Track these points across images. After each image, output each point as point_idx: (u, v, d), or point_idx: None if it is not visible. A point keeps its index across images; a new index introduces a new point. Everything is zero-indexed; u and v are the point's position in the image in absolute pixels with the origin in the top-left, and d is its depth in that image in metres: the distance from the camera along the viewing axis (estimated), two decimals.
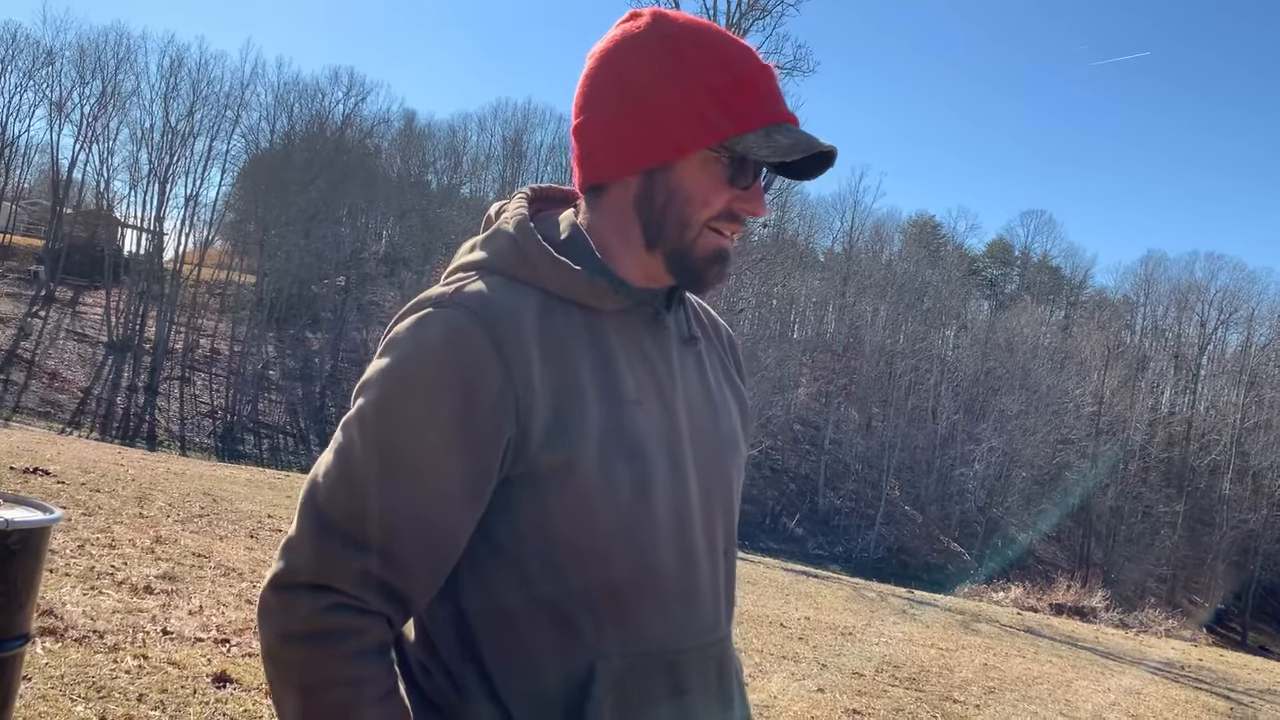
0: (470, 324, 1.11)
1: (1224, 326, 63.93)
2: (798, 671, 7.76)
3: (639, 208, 1.20)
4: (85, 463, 13.70)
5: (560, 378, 1.13)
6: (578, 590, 1.14)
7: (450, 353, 1.10)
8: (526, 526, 1.14)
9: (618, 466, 1.14)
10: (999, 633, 14.53)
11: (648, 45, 1.20)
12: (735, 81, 1.17)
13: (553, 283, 1.18)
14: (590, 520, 1.13)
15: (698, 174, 1.18)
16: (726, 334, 1.44)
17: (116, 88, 53.08)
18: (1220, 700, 10.98)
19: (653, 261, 1.22)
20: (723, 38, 1.21)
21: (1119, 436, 56.55)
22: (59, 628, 4.80)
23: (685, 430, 1.22)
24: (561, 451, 1.11)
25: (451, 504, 1.10)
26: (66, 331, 47.93)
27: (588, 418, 1.13)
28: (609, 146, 1.20)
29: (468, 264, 1.22)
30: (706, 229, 1.19)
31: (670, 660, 1.18)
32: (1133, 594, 41.18)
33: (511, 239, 1.21)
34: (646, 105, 1.17)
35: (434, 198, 62.58)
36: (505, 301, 1.14)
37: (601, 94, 1.21)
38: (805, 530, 48.81)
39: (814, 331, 63.28)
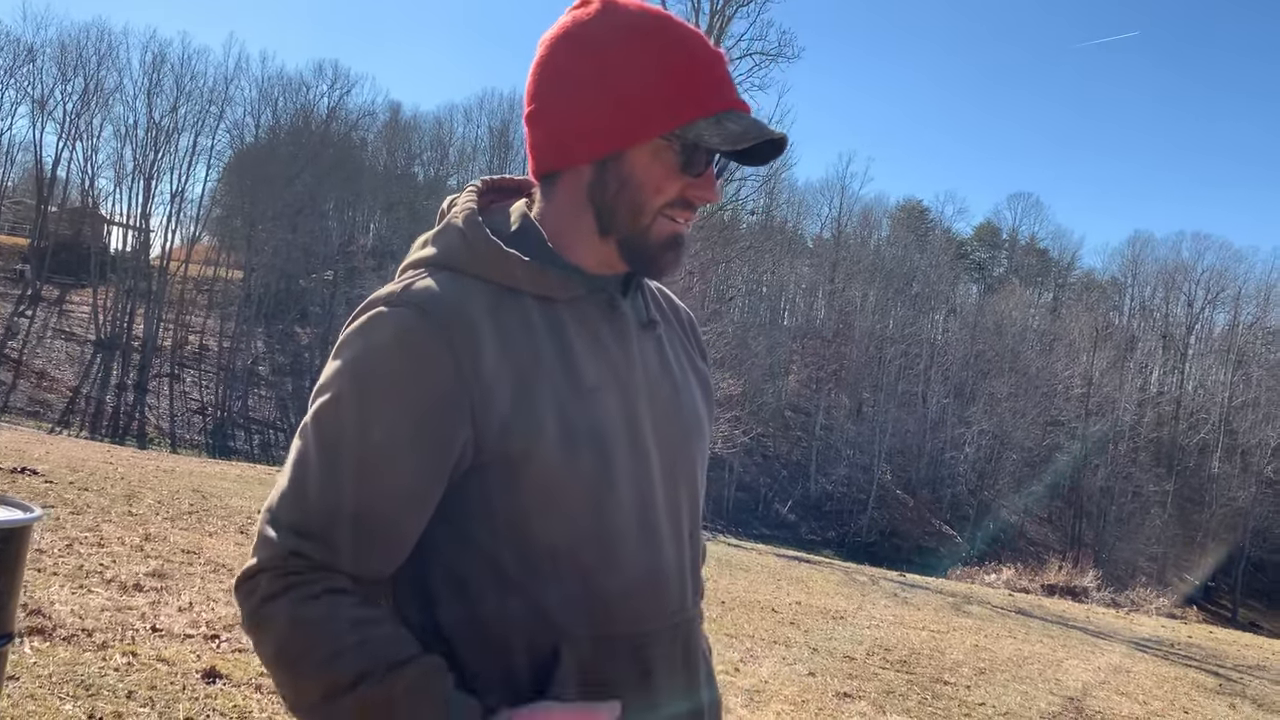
0: (419, 322, 1.12)
1: (1211, 306, 64.32)
2: (789, 656, 7.80)
3: (592, 195, 1.21)
4: (74, 461, 13.67)
5: (515, 370, 1.14)
6: (543, 575, 1.15)
7: (399, 352, 1.11)
8: (491, 515, 1.15)
9: (578, 454, 1.15)
10: (990, 614, 14.61)
11: (596, 32, 1.20)
12: (685, 68, 1.18)
13: (502, 275, 1.18)
14: (553, 508, 1.14)
15: (650, 162, 1.18)
16: (686, 315, 1.45)
17: (99, 84, 52.87)
18: (1209, 676, 11.07)
19: (607, 248, 1.22)
20: (672, 24, 1.21)
21: (1108, 417, 56.81)
22: (47, 627, 4.80)
23: (646, 415, 1.23)
24: (520, 442, 1.12)
25: (402, 500, 1.12)
26: (54, 330, 47.74)
27: (545, 407, 1.14)
28: (559, 134, 1.21)
29: (417, 260, 1.22)
30: (660, 216, 1.20)
31: (635, 642, 1.20)
32: (1124, 573, 41.40)
33: (460, 233, 1.21)
34: (596, 93, 1.18)
35: (421, 189, 62.41)
36: (454, 297, 1.15)
37: (551, 82, 1.21)
38: (798, 516, 48.97)
39: (804, 318, 63.39)
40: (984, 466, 53.66)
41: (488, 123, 65.92)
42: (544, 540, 1.15)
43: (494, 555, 1.16)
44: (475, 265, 1.19)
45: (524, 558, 1.15)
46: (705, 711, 1.29)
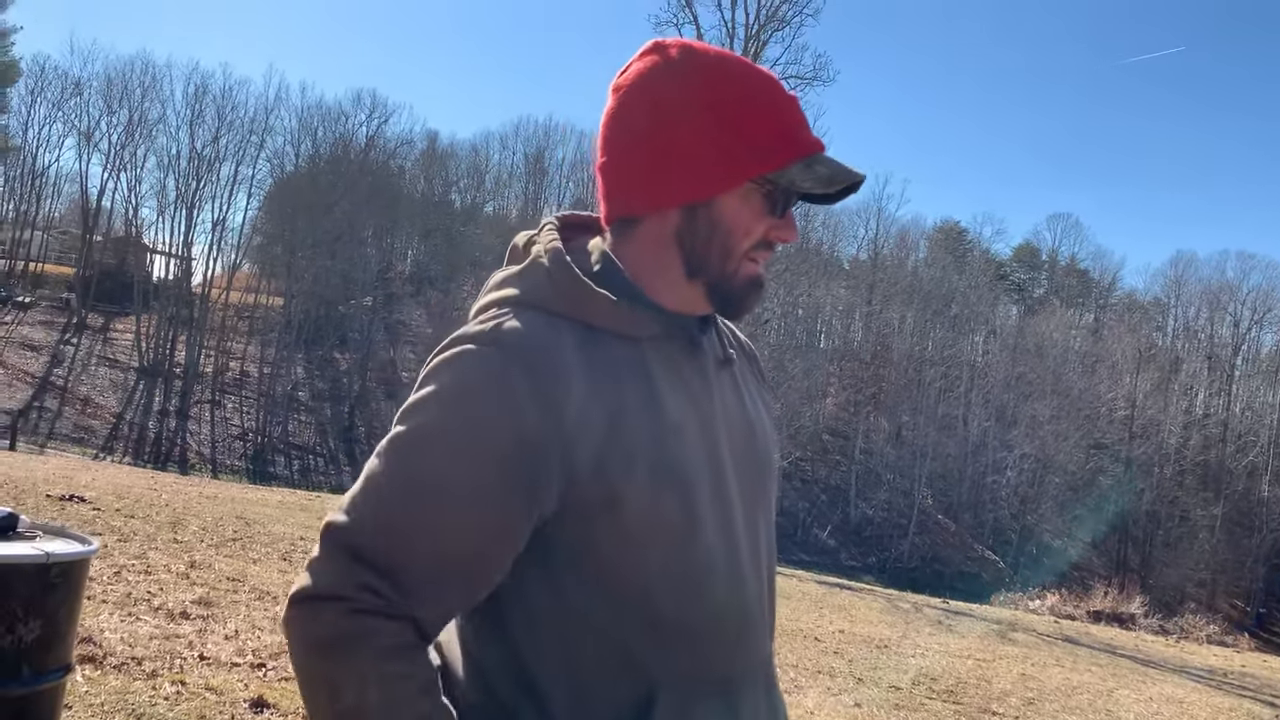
0: (509, 364, 1.10)
1: (1258, 326, 63.14)
2: (834, 686, 7.70)
3: (681, 240, 1.20)
4: (120, 488, 13.84)
5: (603, 412, 1.12)
6: (633, 621, 1.14)
7: (489, 394, 1.09)
8: (580, 561, 1.14)
9: (665, 498, 1.13)
10: (1036, 642, 14.36)
11: (679, 78, 1.19)
12: (772, 112, 1.18)
13: (592, 315, 1.17)
14: (642, 553, 1.13)
15: (739, 206, 1.19)
16: (749, 347, 1.45)
17: (143, 116, 53.89)
18: (1265, 708, 10.80)
19: (692, 290, 1.22)
20: (751, 69, 1.22)
21: (1153, 440, 55.88)
22: (98, 655, 4.84)
23: (727, 453, 1.22)
24: (610, 485, 1.11)
25: (477, 545, 1.10)
26: (98, 358, 48.53)
27: (632, 449, 1.13)
28: (645, 181, 1.20)
29: (502, 300, 1.20)
30: (745, 258, 1.20)
31: (726, 684, 1.19)
32: (1171, 599, 40.64)
33: (547, 272, 1.20)
34: (685, 139, 1.17)
35: (458, 216, 63.06)
36: (544, 338, 1.13)
37: (634, 128, 1.21)
38: (837, 541, 48.53)
39: (841, 340, 63.05)
40: (1026, 490, 52.90)
41: (523, 149, 66.61)
42: (634, 583, 1.13)
43: (583, 600, 1.14)
44: (562, 304, 1.17)
45: (613, 601, 1.14)
46: None
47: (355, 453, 48.24)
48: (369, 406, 51.33)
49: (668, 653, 1.14)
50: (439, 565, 1.09)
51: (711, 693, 1.17)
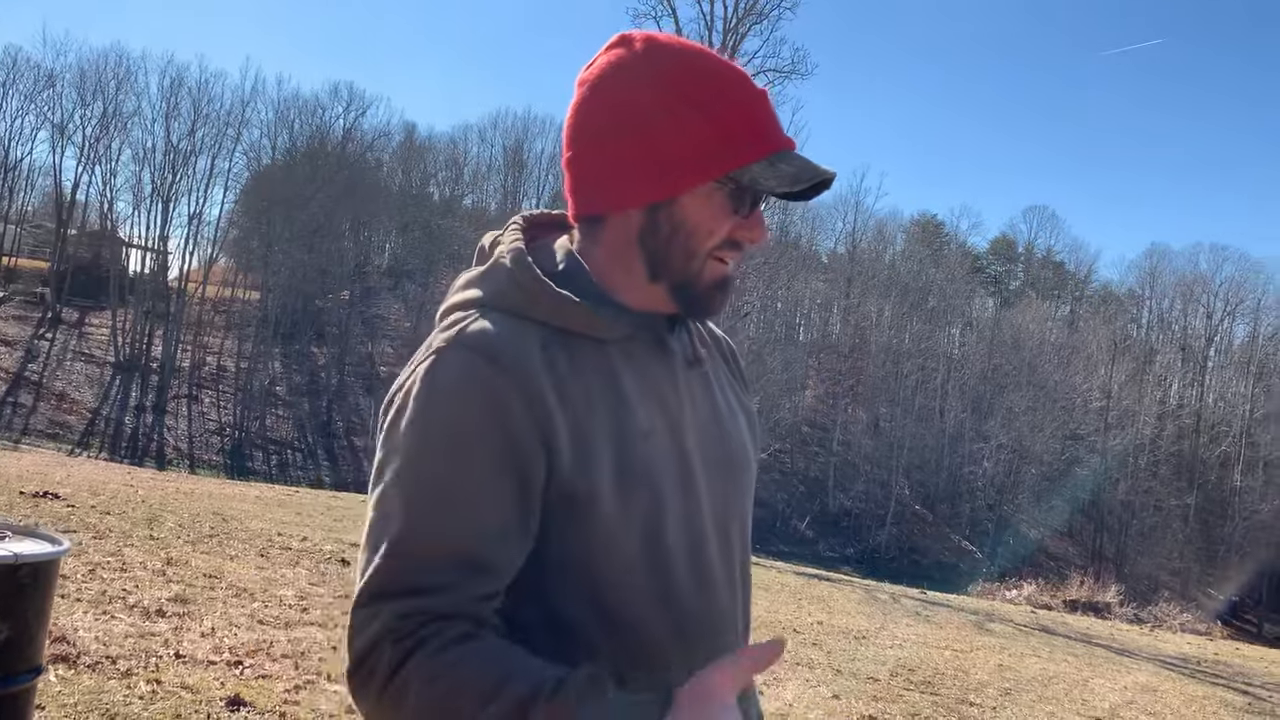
0: (479, 363, 1.09)
1: (1230, 318, 63.88)
2: (812, 678, 7.73)
3: (643, 240, 1.18)
4: (95, 485, 13.73)
5: (571, 412, 1.11)
6: (595, 621, 1.13)
7: (468, 393, 1.08)
8: (551, 555, 1.13)
9: (632, 496, 1.13)
10: (1013, 632, 14.48)
11: (643, 74, 1.17)
12: (736, 110, 1.16)
13: (555, 316, 1.16)
14: (607, 556, 1.12)
15: (702, 205, 1.16)
16: (727, 345, 1.43)
17: (117, 108, 53.37)
18: (1238, 695, 10.93)
19: (656, 291, 1.20)
20: (719, 64, 1.19)
21: (1128, 430, 56.41)
22: (71, 654, 4.80)
23: (696, 455, 1.21)
24: (579, 484, 1.10)
25: (497, 533, 1.08)
26: (73, 353, 48.09)
27: (601, 449, 1.12)
28: (609, 179, 1.18)
29: (465, 302, 1.19)
30: (710, 258, 1.18)
31: None
32: (1146, 588, 41.05)
33: (509, 273, 1.18)
34: (648, 137, 1.15)
35: (436, 209, 62.76)
36: (510, 339, 1.12)
37: (597, 124, 1.19)
38: (816, 532, 48.75)
39: (819, 333, 63.30)
40: (1003, 481, 53.35)
41: (501, 142, 66.31)
42: (598, 584, 1.13)
43: (548, 598, 1.13)
44: (526, 306, 1.16)
45: (577, 602, 1.13)
46: None
47: (334, 447, 48.08)
48: (347, 401, 51.13)
49: (633, 654, 1.13)
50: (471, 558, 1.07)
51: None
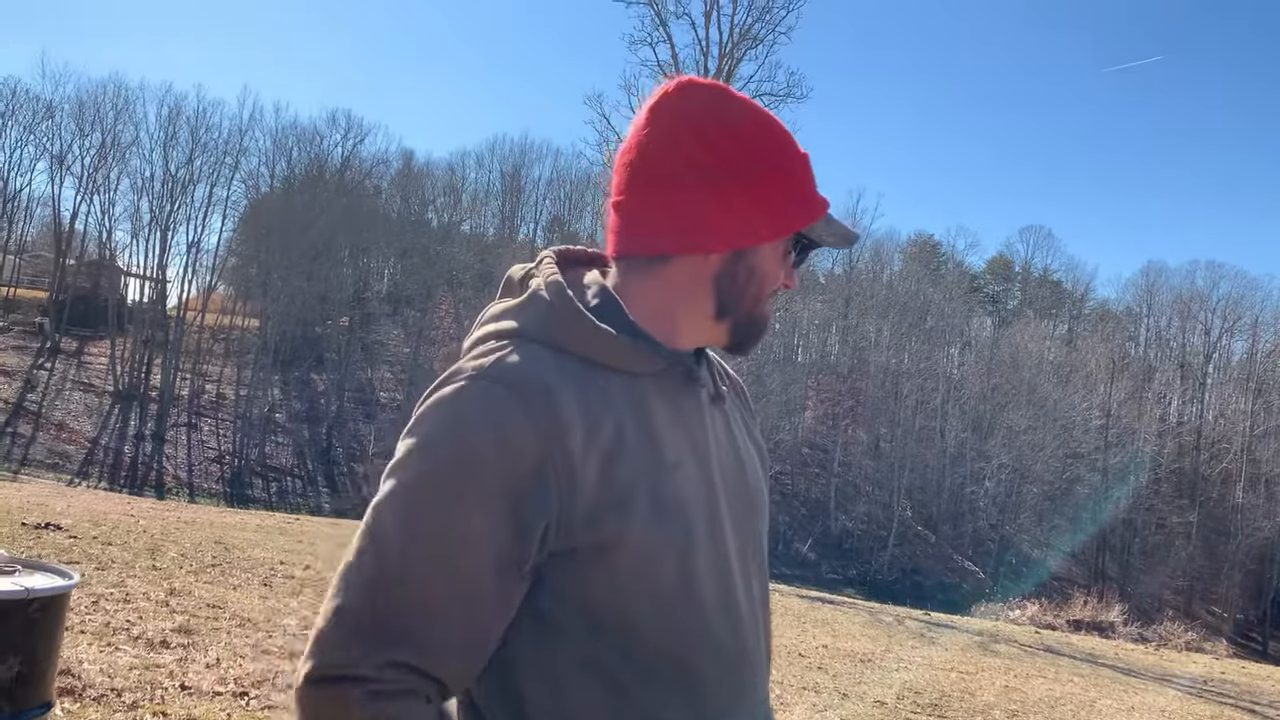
0: (508, 399, 1.08)
1: (1228, 334, 63.91)
2: (819, 703, 7.70)
3: (719, 283, 1.22)
4: (96, 515, 13.69)
5: (603, 448, 1.11)
6: (632, 661, 1.12)
7: (485, 431, 1.07)
8: (578, 601, 1.12)
9: (663, 536, 1.12)
10: (1018, 653, 14.42)
11: (723, 125, 1.20)
12: (801, 170, 1.24)
13: (593, 350, 1.16)
14: (639, 592, 1.12)
15: (773, 254, 1.24)
16: (739, 384, 1.45)
17: (116, 138, 53.65)
18: (1246, 714, 10.87)
19: (716, 330, 1.25)
20: (779, 124, 1.26)
21: (1129, 449, 56.34)
22: (77, 687, 4.78)
23: (720, 491, 1.22)
24: (609, 526, 1.10)
25: (490, 588, 1.07)
26: (72, 382, 48.06)
27: (633, 486, 1.11)
28: (688, 224, 1.19)
29: (501, 332, 1.18)
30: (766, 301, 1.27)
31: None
32: (1150, 607, 40.91)
33: (550, 305, 1.18)
34: (737, 190, 1.19)
35: (435, 235, 62.94)
36: (545, 373, 1.12)
37: (673, 169, 1.19)
38: (818, 554, 48.58)
39: (818, 354, 63.30)
40: (1004, 500, 53.21)
41: (499, 168, 66.61)
42: (630, 621, 1.12)
43: (578, 639, 1.12)
44: (565, 339, 1.16)
45: (607, 640, 1.12)
46: None
47: (334, 474, 47.98)
48: (347, 427, 51.06)
49: (667, 692, 1.13)
50: (455, 619, 1.07)
51: None
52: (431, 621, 1.06)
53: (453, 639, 1.07)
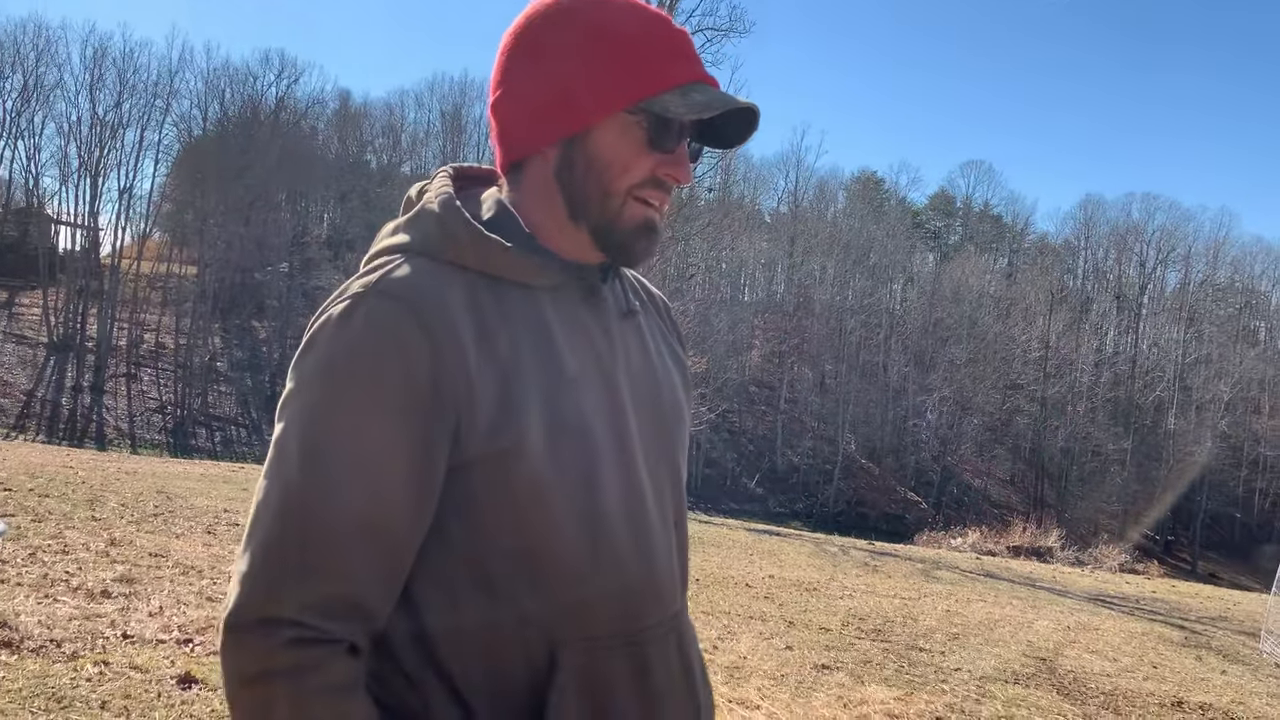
0: (397, 313, 1.06)
1: (1162, 266, 65.40)
2: (765, 630, 7.85)
3: (560, 178, 1.17)
4: (33, 468, 13.42)
5: (497, 360, 1.09)
6: (533, 577, 1.10)
7: (378, 345, 1.05)
8: (476, 515, 1.10)
9: (564, 447, 1.10)
10: (959, 579, 14.80)
11: (557, 16, 1.17)
12: (647, 42, 1.15)
13: (482, 262, 1.13)
14: (540, 504, 1.09)
15: (617, 140, 1.15)
16: (661, 301, 1.42)
17: (39, 81, 51.68)
18: (1174, 630, 11.30)
19: (579, 235, 1.19)
20: (636, 6, 1.19)
21: (1066, 379, 57.65)
22: (14, 639, 4.71)
23: (629, 404, 1.20)
24: (506, 437, 1.07)
25: (398, 505, 1.05)
26: (4, 334, 46.81)
27: (529, 400, 1.09)
28: (523, 119, 1.18)
29: (390, 247, 1.16)
30: (631, 198, 1.16)
31: (631, 640, 1.16)
32: (1086, 531, 42.15)
33: (437, 218, 1.16)
34: (556, 73, 1.15)
35: (374, 177, 61.78)
36: (433, 285, 1.10)
37: (513, 68, 1.19)
38: (765, 489, 49.29)
39: (764, 293, 63.64)
40: (946, 433, 54.28)
41: (439, 107, 65.34)
42: (533, 538, 1.10)
43: (481, 558, 1.10)
44: (453, 252, 1.13)
45: (512, 558, 1.10)
46: (702, 710, 1.26)
47: None
48: None
49: (569, 610, 1.11)
50: (372, 541, 1.05)
51: (618, 650, 1.14)
52: (348, 546, 1.04)
53: (372, 561, 1.06)
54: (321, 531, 1.04)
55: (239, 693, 1.04)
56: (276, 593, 1.03)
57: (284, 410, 1.08)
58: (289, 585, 1.03)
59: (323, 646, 1.03)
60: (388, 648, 1.12)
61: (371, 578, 1.06)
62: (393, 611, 1.11)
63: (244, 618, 1.03)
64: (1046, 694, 6.83)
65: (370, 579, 1.06)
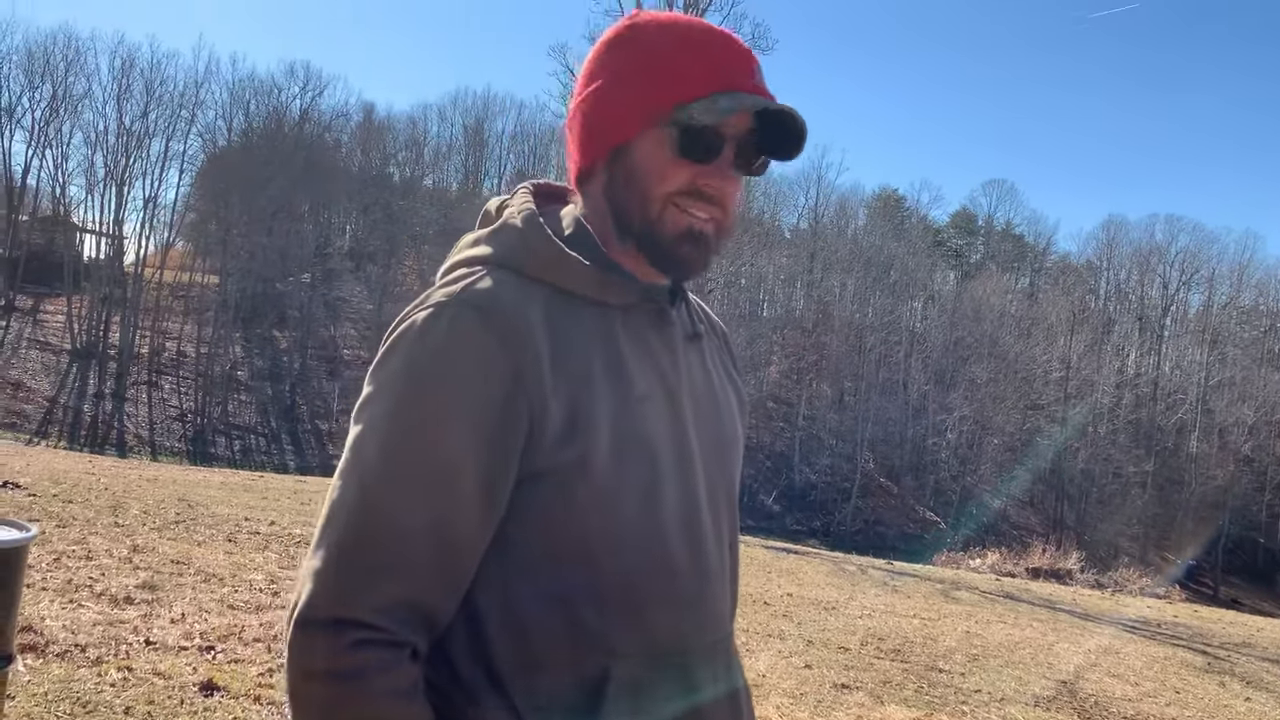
0: (478, 323, 1.08)
1: (1185, 287, 65.05)
2: (784, 649, 7.81)
3: (609, 194, 1.20)
4: (56, 473, 13.52)
5: (571, 375, 1.11)
6: (591, 589, 1.12)
7: (460, 354, 1.07)
8: (539, 526, 1.11)
9: (629, 464, 1.12)
10: (979, 599, 14.69)
11: (614, 39, 1.22)
12: (683, 55, 1.17)
13: (562, 278, 1.16)
14: (603, 518, 1.11)
15: (653, 151, 1.16)
16: (722, 331, 1.45)
17: (67, 91, 52.32)
18: (1197, 655, 11.17)
19: (634, 253, 1.20)
20: (687, 23, 1.21)
21: (1087, 399, 57.25)
22: (39, 643, 4.74)
23: (691, 426, 1.21)
24: (575, 450, 1.09)
25: (470, 511, 1.08)
26: (29, 340, 47.28)
27: (599, 415, 1.11)
28: (578, 138, 1.22)
29: (472, 258, 1.19)
30: (670, 205, 1.17)
31: (682, 658, 1.17)
32: (1106, 554, 41.77)
33: (520, 233, 1.19)
34: (601, 93, 1.19)
35: (397, 190, 62.17)
36: (513, 298, 1.12)
37: (579, 89, 1.23)
38: (782, 507, 49.10)
39: (783, 309, 63.52)
40: (965, 452, 53.99)
41: (462, 121, 65.88)
42: (593, 549, 1.12)
43: (541, 569, 1.12)
44: (534, 267, 1.16)
45: (572, 569, 1.12)
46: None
47: (298, 432, 47.70)
48: (310, 385, 50.70)
49: (624, 623, 1.12)
50: (444, 545, 1.07)
51: (668, 666, 1.15)
52: (419, 551, 1.06)
53: (440, 568, 1.08)
54: (394, 535, 1.06)
55: (302, 688, 1.06)
56: (348, 593, 1.05)
57: (361, 413, 1.10)
58: (360, 586, 1.05)
59: (390, 650, 1.05)
60: (444, 650, 1.14)
61: (438, 584, 1.08)
62: (457, 624, 1.13)
63: (315, 615, 1.05)
64: (1068, 718, 6.76)
65: (437, 585, 1.08)
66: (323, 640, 1.04)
